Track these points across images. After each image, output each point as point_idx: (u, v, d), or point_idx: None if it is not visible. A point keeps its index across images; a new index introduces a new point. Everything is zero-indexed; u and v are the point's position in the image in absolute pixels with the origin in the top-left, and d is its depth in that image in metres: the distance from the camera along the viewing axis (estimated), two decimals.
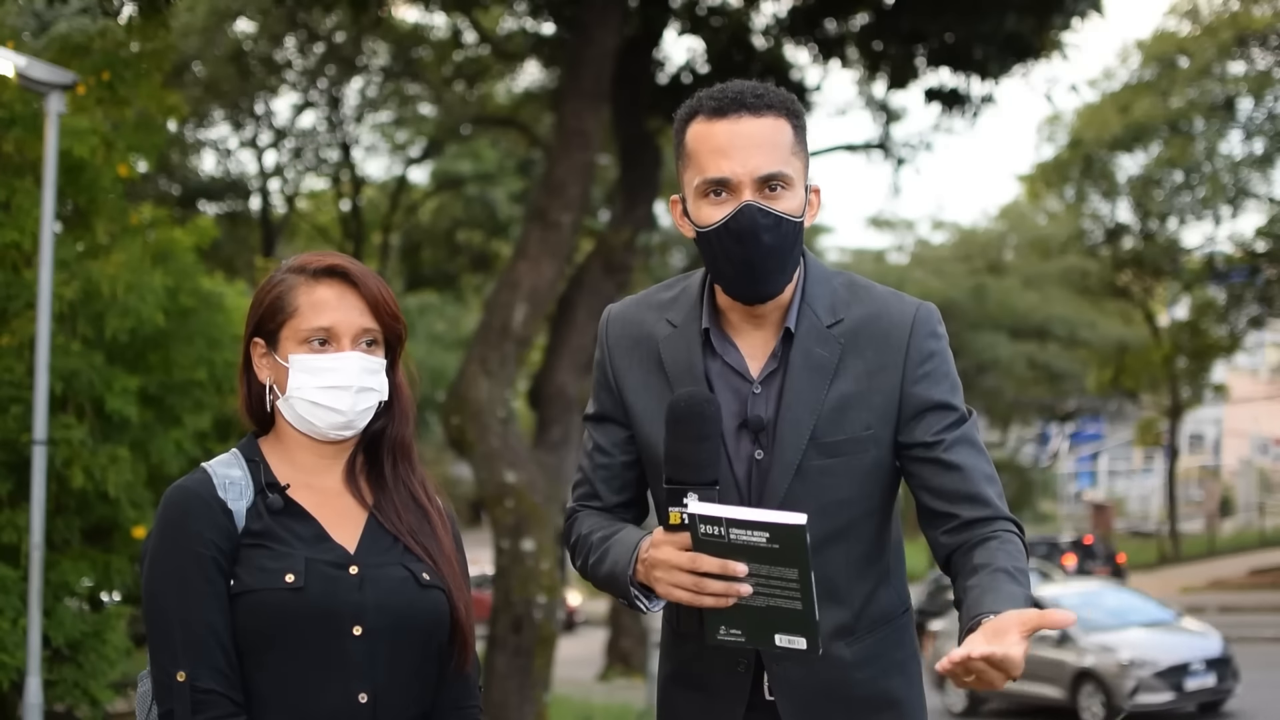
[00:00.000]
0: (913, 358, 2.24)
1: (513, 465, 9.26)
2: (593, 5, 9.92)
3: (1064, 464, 45.00)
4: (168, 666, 2.06)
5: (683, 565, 2.05)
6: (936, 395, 2.24)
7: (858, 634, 2.29)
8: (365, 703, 2.10)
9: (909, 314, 2.28)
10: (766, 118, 2.20)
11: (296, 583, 2.08)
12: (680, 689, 2.38)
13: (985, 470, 2.24)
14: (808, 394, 2.23)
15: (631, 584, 2.18)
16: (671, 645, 2.41)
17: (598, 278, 10.95)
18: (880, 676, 2.30)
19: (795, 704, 2.27)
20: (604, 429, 2.39)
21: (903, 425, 2.24)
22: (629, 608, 2.28)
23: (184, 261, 7.48)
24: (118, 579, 6.85)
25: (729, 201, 2.19)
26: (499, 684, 9.05)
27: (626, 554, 2.20)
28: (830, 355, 2.24)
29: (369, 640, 2.11)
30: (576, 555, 2.36)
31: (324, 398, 2.16)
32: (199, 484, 2.15)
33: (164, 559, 2.10)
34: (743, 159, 2.18)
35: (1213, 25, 24.04)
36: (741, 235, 2.18)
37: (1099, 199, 28.02)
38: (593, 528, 2.34)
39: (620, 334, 2.38)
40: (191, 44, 17.26)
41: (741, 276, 2.22)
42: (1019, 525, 2.23)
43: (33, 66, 6.35)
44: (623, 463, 2.38)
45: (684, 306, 2.34)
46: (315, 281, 2.19)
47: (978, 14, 10.26)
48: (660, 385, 2.30)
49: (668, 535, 2.09)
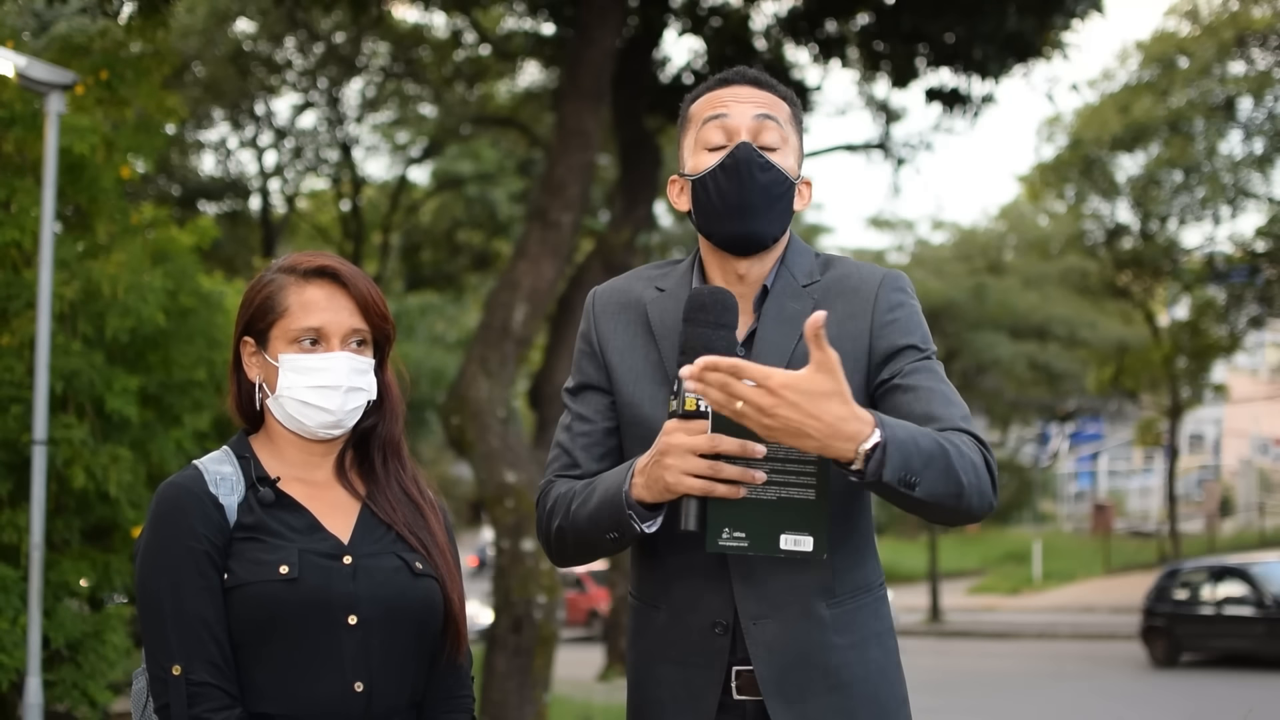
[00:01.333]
0: (880, 307, 2.31)
1: (513, 465, 9.26)
2: (593, 5, 9.92)
3: (1064, 464, 44.99)
4: (162, 661, 2.07)
5: (699, 447, 2.03)
6: (903, 340, 2.29)
7: (839, 597, 2.28)
8: (360, 692, 2.11)
9: (878, 273, 2.36)
10: (767, 92, 2.35)
11: (290, 574, 2.10)
12: (656, 665, 2.34)
13: (944, 393, 2.25)
14: (779, 343, 2.28)
15: (627, 500, 2.14)
16: (643, 620, 2.38)
17: (598, 278, 10.93)
18: (858, 645, 2.29)
19: (773, 669, 2.24)
20: (583, 398, 2.40)
21: (872, 370, 2.28)
22: (613, 548, 2.22)
23: (184, 261, 7.48)
24: (118, 579, 6.85)
25: (727, 150, 2.29)
26: (499, 684, 9.05)
27: (621, 474, 2.18)
28: (802, 309, 2.29)
29: (363, 630, 2.12)
30: (554, 515, 2.31)
31: (313, 397, 2.18)
32: (190, 480, 2.17)
33: (157, 554, 2.12)
34: (743, 108, 2.30)
35: (1212, 25, 24.02)
36: (738, 169, 2.26)
37: (1099, 199, 28.00)
38: (573, 485, 2.32)
39: (607, 300, 2.43)
40: (191, 44, 17.26)
41: (734, 215, 2.28)
42: (979, 439, 2.19)
43: (33, 66, 6.35)
44: (604, 429, 2.38)
45: (674, 277, 2.41)
46: (305, 281, 2.21)
47: (979, 14, 10.25)
48: (647, 344, 2.34)
49: (681, 423, 2.07)
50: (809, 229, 31.00)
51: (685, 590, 2.29)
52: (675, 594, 2.30)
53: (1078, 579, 31.96)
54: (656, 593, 2.34)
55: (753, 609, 2.24)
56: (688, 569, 2.28)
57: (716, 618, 2.26)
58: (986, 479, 2.14)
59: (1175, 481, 31.56)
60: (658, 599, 2.34)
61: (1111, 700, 14.85)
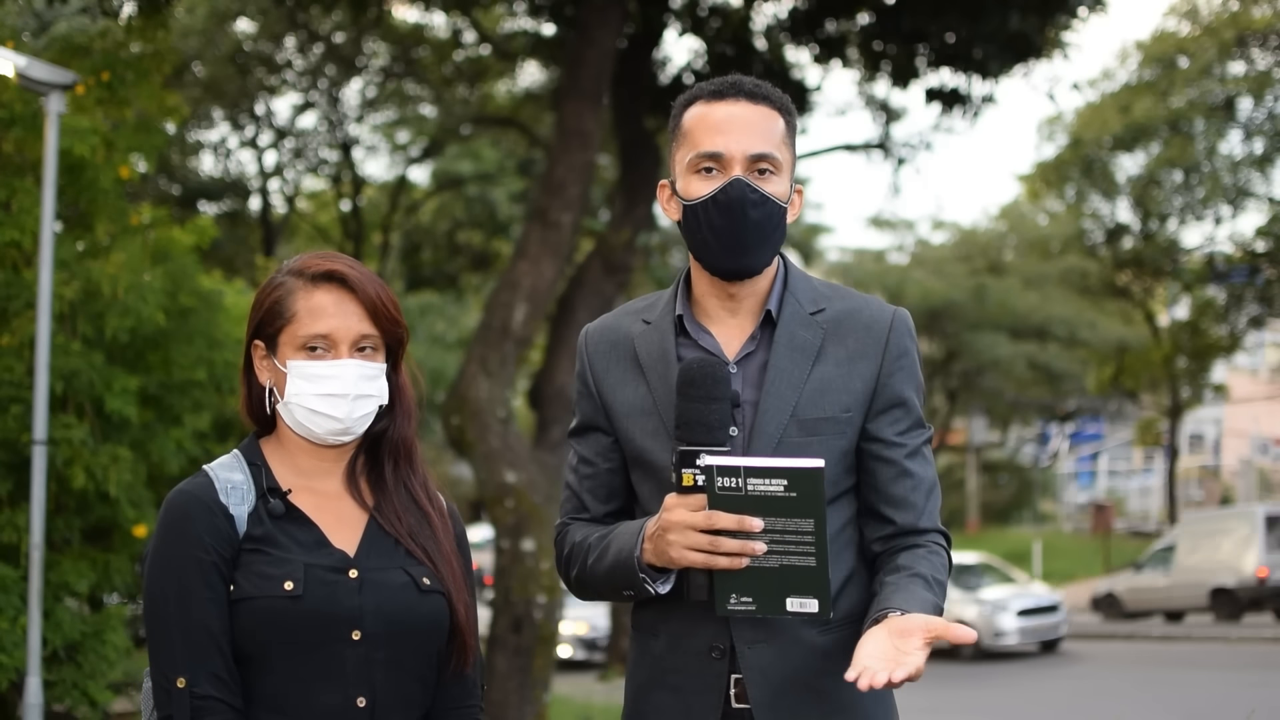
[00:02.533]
0: (891, 350, 2.34)
1: (513, 465, 9.26)
2: (593, 5, 9.92)
3: (1064, 464, 44.98)
4: (167, 672, 2.06)
5: (697, 524, 2.08)
6: (905, 393, 2.34)
7: (831, 625, 2.30)
8: (363, 706, 2.10)
9: (889, 312, 2.38)
10: (762, 106, 2.30)
11: (295, 590, 2.08)
12: (653, 693, 2.37)
13: (931, 481, 2.35)
14: (791, 372, 2.30)
15: (639, 564, 2.19)
16: (641, 649, 2.41)
17: (598, 278, 10.94)
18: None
19: (766, 692, 2.27)
20: (586, 440, 2.44)
21: (871, 414, 2.32)
22: (631, 601, 2.30)
23: (184, 261, 7.48)
24: (118, 579, 6.85)
25: (718, 177, 2.27)
26: (499, 684, 9.05)
27: (631, 538, 2.23)
28: (813, 339, 2.32)
29: (367, 644, 2.11)
30: (572, 564, 2.38)
31: (321, 405, 2.16)
32: (200, 488, 2.14)
33: (165, 564, 2.10)
34: (737, 138, 2.27)
35: (1212, 25, 24.03)
36: (730, 206, 2.25)
37: (1099, 199, 28.02)
38: (587, 534, 2.37)
39: (598, 340, 2.44)
40: (191, 44, 17.26)
41: (725, 249, 2.28)
42: (948, 540, 2.35)
43: (33, 66, 6.35)
44: (607, 470, 2.41)
45: (659, 306, 2.42)
46: (314, 286, 2.19)
47: (979, 14, 10.25)
48: (636, 378, 2.36)
49: (681, 498, 2.12)
50: (809, 229, 30.94)
51: (683, 619, 2.32)
52: (673, 622, 2.34)
53: (1078, 579, 31.93)
54: (655, 622, 2.37)
55: (748, 634, 2.28)
56: (685, 599, 2.29)
57: (713, 642, 2.29)
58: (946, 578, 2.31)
59: (1175, 482, 31.55)
60: (656, 627, 2.37)
61: (1112, 699, 14.85)
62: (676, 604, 2.29)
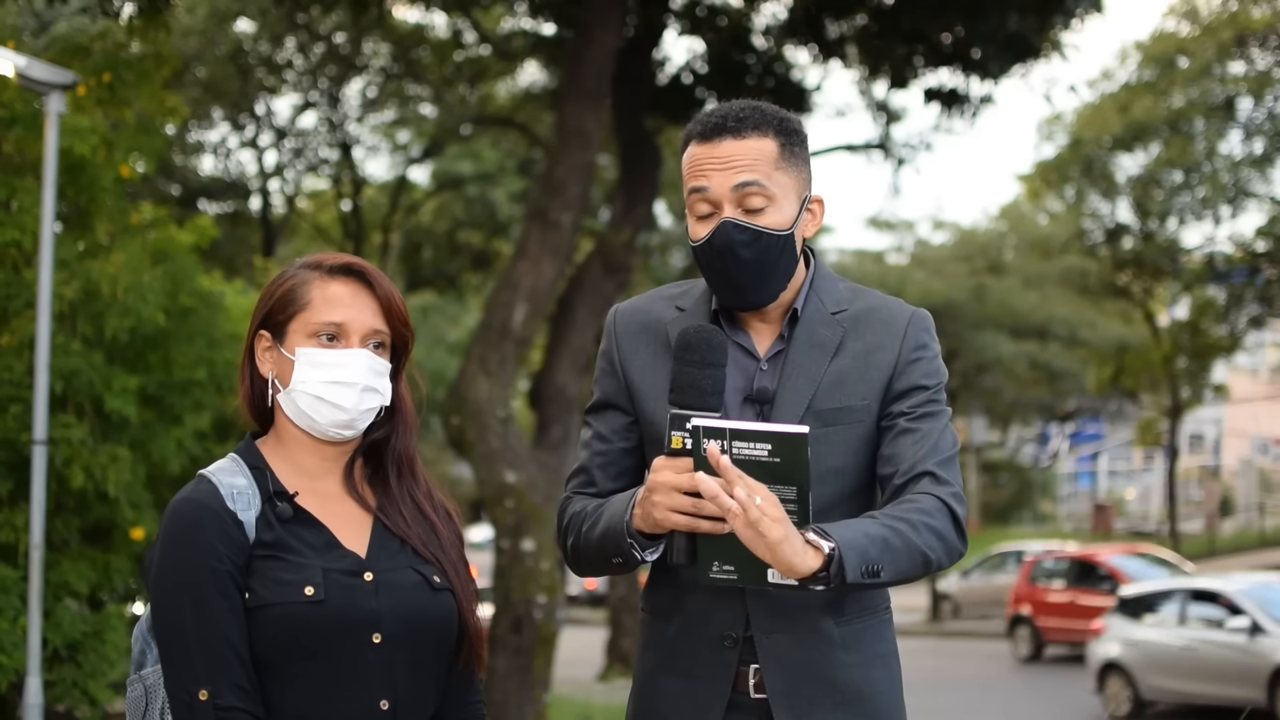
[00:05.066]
0: (908, 343, 2.37)
1: (513, 465, 9.26)
2: (593, 5, 9.92)
3: (1064, 464, 45.00)
4: (188, 685, 2.02)
5: (682, 485, 2.09)
6: (923, 380, 2.35)
7: (847, 616, 2.32)
8: (386, 709, 2.09)
9: (908, 310, 2.43)
10: (749, 139, 2.30)
11: (316, 595, 2.06)
12: (662, 678, 2.37)
13: (933, 435, 2.30)
14: (809, 367, 2.34)
15: (627, 529, 2.20)
16: (653, 633, 2.41)
17: (598, 278, 10.94)
18: (864, 665, 2.34)
19: (782, 681, 2.28)
20: (604, 417, 2.45)
21: (888, 400, 2.34)
22: (621, 570, 2.28)
23: (184, 261, 7.48)
24: (117, 579, 6.85)
25: (713, 219, 2.29)
26: (499, 684, 9.05)
27: (623, 505, 2.24)
28: (833, 336, 2.36)
29: (387, 647, 2.10)
30: (569, 533, 2.39)
31: (328, 393, 2.15)
32: (208, 495, 2.11)
33: (176, 574, 2.06)
34: (720, 177, 2.28)
35: (1212, 25, 24.01)
36: (721, 251, 2.28)
37: (1099, 199, 27.99)
38: (586, 504, 2.38)
39: (629, 321, 2.46)
40: (192, 44, 17.25)
41: (725, 289, 2.34)
42: (945, 495, 2.24)
43: (33, 66, 6.35)
44: (621, 449, 2.43)
45: (693, 296, 2.45)
46: (330, 278, 2.19)
47: (979, 14, 10.26)
48: (668, 363, 2.35)
49: (668, 460, 2.13)
50: None
51: (698, 604, 2.33)
52: (688, 607, 2.34)
53: None
54: (669, 606, 2.38)
55: (765, 623, 2.29)
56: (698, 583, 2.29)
57: (727, 630, 2.30)
58: (952, 534, 2.21)
59: (1175, 481, 31.55)
60: (670, 612, 2.37)
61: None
62: (691, 588, 2.29)
